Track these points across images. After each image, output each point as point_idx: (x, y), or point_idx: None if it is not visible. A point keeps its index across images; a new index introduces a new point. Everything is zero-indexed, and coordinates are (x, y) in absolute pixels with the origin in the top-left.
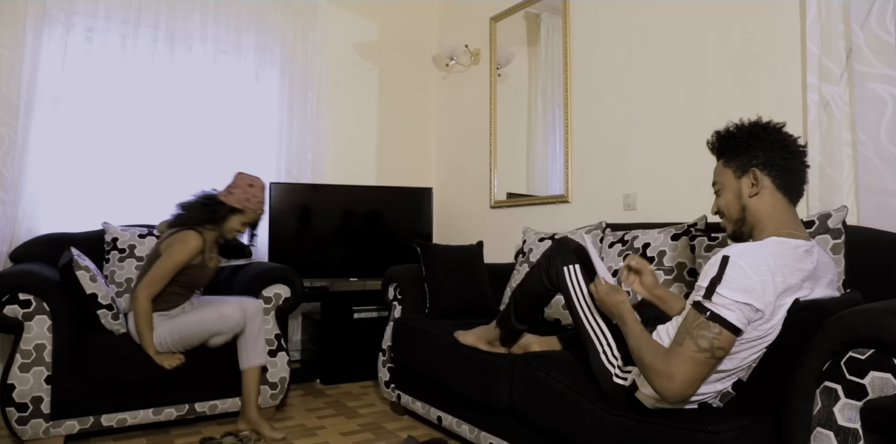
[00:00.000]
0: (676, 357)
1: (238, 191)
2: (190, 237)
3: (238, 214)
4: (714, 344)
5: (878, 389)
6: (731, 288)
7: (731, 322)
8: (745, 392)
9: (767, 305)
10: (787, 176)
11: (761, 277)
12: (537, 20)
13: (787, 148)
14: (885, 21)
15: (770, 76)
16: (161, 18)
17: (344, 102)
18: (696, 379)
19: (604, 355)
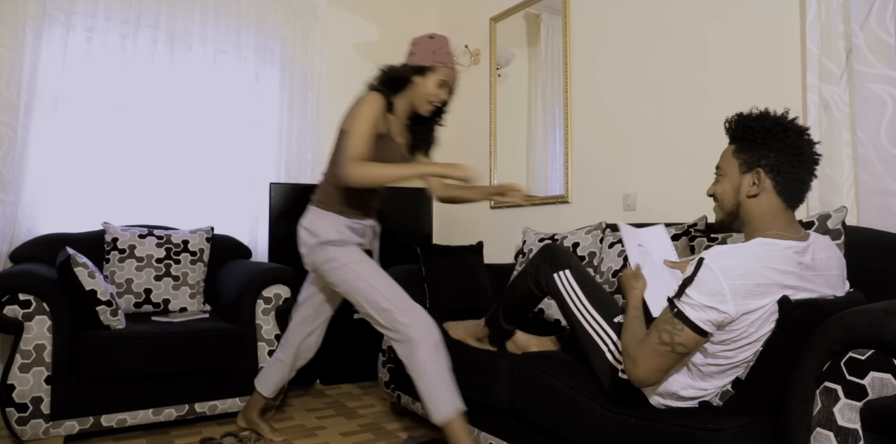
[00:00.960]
0: (643, 346)
1: (419, 48)
2: (366, 95)
3: (429, 73)
4: (675, 339)
5: (877, 389)
6: (699, 290)
7: (694, 322)
8: (744, 391)
9: (735, 308)
10: (790, 184)
11: (732, 281)
12: (537, 20)
13: (800, 157)
14: (885, 21)
15: (770, 76)
16: (161, 19)
17: (344, 103)
18: (656, 369)
19: (609, 354)
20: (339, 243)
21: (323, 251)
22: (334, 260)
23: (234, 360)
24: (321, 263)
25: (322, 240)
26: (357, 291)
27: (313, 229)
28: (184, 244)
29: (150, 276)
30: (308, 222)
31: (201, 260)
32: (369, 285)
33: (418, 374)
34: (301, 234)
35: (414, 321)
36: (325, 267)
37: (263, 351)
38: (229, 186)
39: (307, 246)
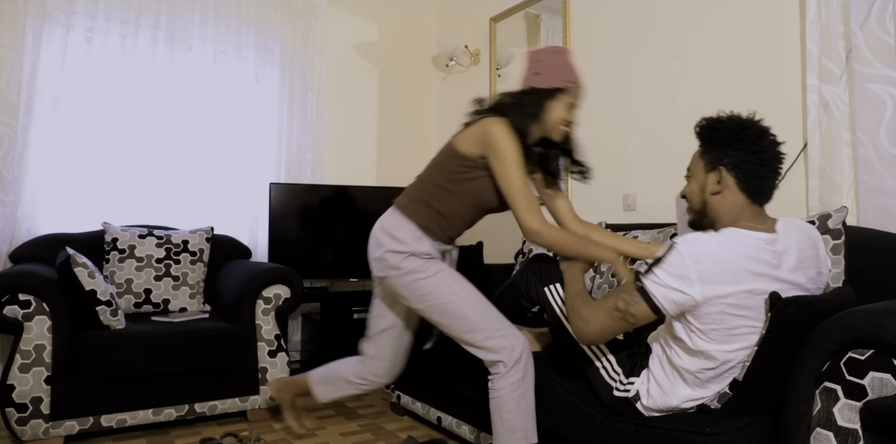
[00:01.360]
0: (598, 307)
1: (546, 65)
2: (497, 126)
3: (559, 95)
4: (629, 310)
5: (877, 389)
6: (667, 272)
7: (653, 299)
8: (742, 392)
9: (701, 293)
10: (753, 181)
11: (700, 266)
12: (537, 21)
13: (761, 155)
14: (885, 22)
15: (770, 77)
16: (161, 19)
17: (344, 103)
18: (605, 330)
19: (604, 371)
20: (425, 257)
21: (406, 261)
22: (418, 271)
23: (234, 360)
24: (402, 274)
25: (408, 250)
26: (444, 305)
27: (399, 235)
28: (184, 244)
29: (150, 276)
30: (393, 227)
31: (201, 260)
32: (460, 299)
33: (499, 403)
34: (379, 236)
35: (512, 345)
36: (404, 279)
37: (263, 351)
38: (229, 187)
39: (385, 251)
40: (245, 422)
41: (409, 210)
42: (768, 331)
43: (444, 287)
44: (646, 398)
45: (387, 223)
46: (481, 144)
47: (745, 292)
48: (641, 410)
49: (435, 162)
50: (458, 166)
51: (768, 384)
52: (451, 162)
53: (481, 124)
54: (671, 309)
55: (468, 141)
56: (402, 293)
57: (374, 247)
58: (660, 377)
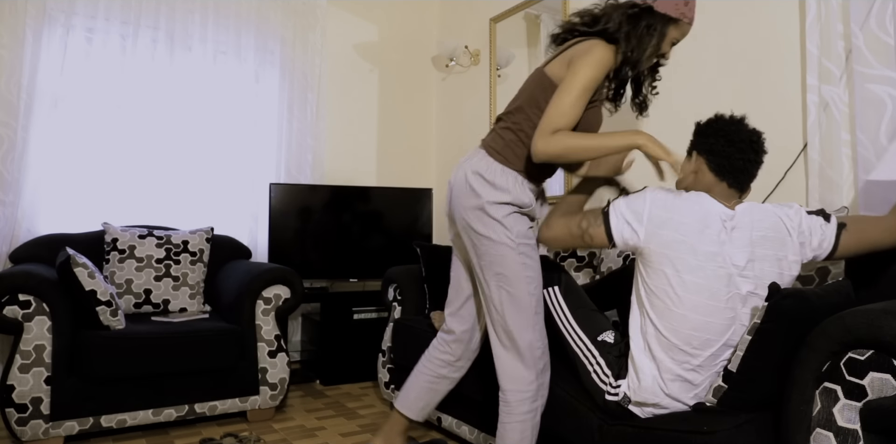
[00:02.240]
0: (566, 219)
1: None
2: (597, 47)
3: (671, 27)
4: (588, 230)
5: (877, 390)
6: (627, 206)
7: (610, 226)
8: (737, 383)
9: (645, 233)
10: (722, 160)
11: (653, 210)
12: (537, 21)
13: (729, 137)
14: (885, 22)
15: (770, 77)
16: (161, 19)
17: (344, 103)
18: (560, 239)
19: (595, 375)
20: (528, 213)
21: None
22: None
23: (234, 360)
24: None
25: (511, 200)
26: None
27: (500, 183)
28: (184, 245)
29: (150, 276)
30: (491, 173)
31: (201, 260)
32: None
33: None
34: (474, 183)
35: (546, 364)
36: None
37: (263, 351)
38: (229, 187)
39: (486, 202)
40: (245, 422)
41: (507, 155)
42: (763, 322)
43: (531, 272)
44: (634, 393)
45: (482, 169)
46: (569, 64)
47: (686, 246)
48: (636, 411)
49: (527, 97)
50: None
51: (763, 377)
52: (546, 95)
53: (584, 45)
54: (619, 242)
55: (561, 65)
56: (482, 255)
57: (466, 195)
58: (641, 363)
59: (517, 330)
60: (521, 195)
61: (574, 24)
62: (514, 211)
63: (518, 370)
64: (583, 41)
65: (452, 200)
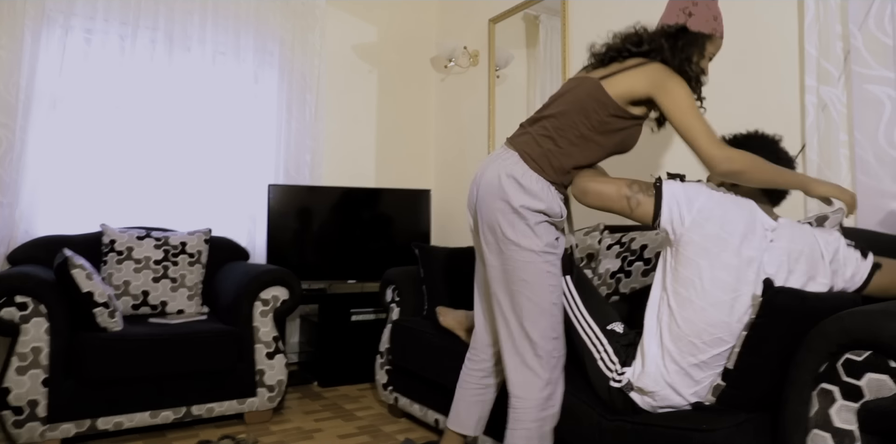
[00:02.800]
0: (613, 179)
1: (701, 9)
2: (667, 69)
3: (708, 43)
4: (636, 195)
5: (874, 391)
6: (684, 190)
7: (661, 202)
8: (735, 381)
9: (690, 221)
10: None
11: (707, 202)
12: (536, 22)
13: (776, 154)
14: (883, 22)
15: (769, 78)
16: (159, 20)
17: (343, 104)
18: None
19: (601, 362)
20: (558, 223)
21: (538, 223)
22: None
23: (232, 362)
24: (524, 237)
25: (544, 208)
26: (539, 301)
27: (532, 188)
28: (182, 246)
29: (148, 278)
30: (523, 177)
31: (199, 262)
32: (555, 308)
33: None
34: (506, 184)
35: (561, 379)
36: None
37: (261, 353)
38: (227, 188)
39: (520, 206)
40: (242, 424)
41: (542, 164)
42: (758, 316)
43: (554, 280)
44: (637, 379)
45: (518, 173)
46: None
47: (728, 244)
48: (637, 400)
49: (576, 104)
50: (610, 116)
51: (759, 373)
52: (601, 110)
53: (647, 70)
54: (664, 220)
55: (628, 82)
56: (508, 262)
57: (499, 197)
58: (650, 349)
59: (538, 338)
60: (554, 204)
61: (624, 44)
62: (545, 220)
63: (530, 377)
64: (645, 64)
65: (481, 198)
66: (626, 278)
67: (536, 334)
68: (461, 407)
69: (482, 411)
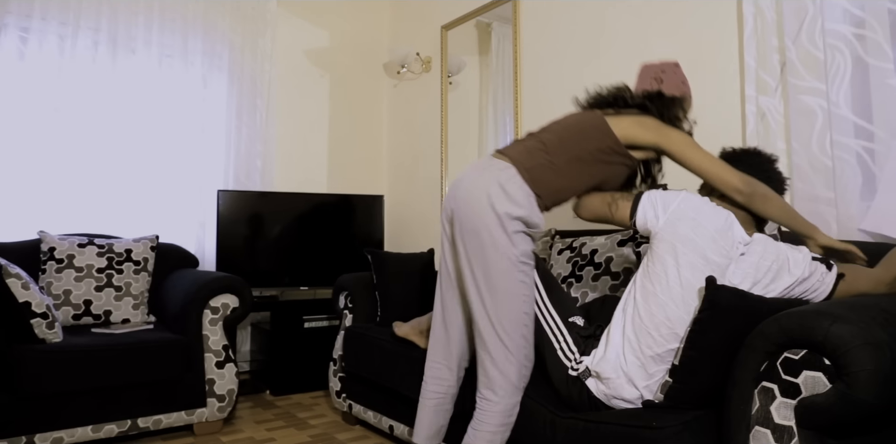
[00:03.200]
0: (600, 193)
1: (669, 76)
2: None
3: (682, 103)
4: (616, 201)
5: (810, 387)
6: (661, 195)
7: (638, 204)
8: (680, 376)
9: (664, 222)
10: None
11: (681, 205)
12: (488, 29)
13: (769, 176)
14: (814, 37)
15: (711, 88)
16: (102, 21)
17: (294, 109)
18: (588, 203)
19: (560, 351)
20: (534, 234)
21: (515, 232)
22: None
23: (180, 372)
24: (501, 244)
25: (523, 215)
26: (514, 298)
27: (517, 197)
28: (127, 253)
29: (91, 286)
30: (508, 184)
31: (145, 270)
32: (527, 317)
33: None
34: (493, 192)
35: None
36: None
37: (210, 362)
38: (175, 194)
39: (497, 212)
40: (192, 437)
41: (533, 175)
42: (700, 311)
43: (527, 290)
44: (596, 363)
45: (503, 179)
46: (655, 135)
47: (695, 245)
48: (591, 387)
49: (578, 133)
50: (608, 148)
51: (701, 368)
52: (603, 139)
53: (647, 121)
54: (639, 221)
55: (632, 127)
56: (484, 264)
57: (484, 204)
58: (614, 337)
59: (512, 346)
60: (534, 214)
61: (621, 94)
62: (523, 229)
63: (503, 382)
64: (643, 114)
65: (461, 204)
66: (577, 283)
67: (511, 342)
68: (424, 420)
69: (445, 420)
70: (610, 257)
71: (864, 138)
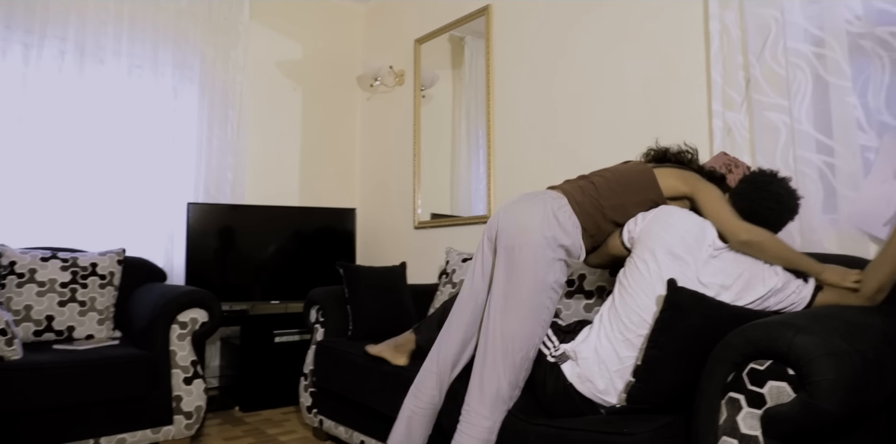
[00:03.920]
0: None
1: (739, 170)
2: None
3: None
4: (609, 242)
5: (775, 397)
6: (643, 215)
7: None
8: (641, 376)
9: (642, 227)
10: (745, 206)
11: (657, 213)
12: (461, 43)
13: (757, 186)
14: (777, 55)
15: (680, 103)
16: (69, 30)
17: (266, 121)
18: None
19: (541, 342)
20: (572, 264)
21: (556, 259)
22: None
23: (145, 389)
24: (540, 265)
25: (568, 244)
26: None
27: (567, 226)
28: (92, 267)
29: (53, 302)
30: (562, 214)
31: (111, 284)
32: (544, 329)
33: None
34: (544, 215)
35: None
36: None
37: (178, 378)
38: (144, 206)
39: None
40: None
41: (583, 208)
42: (661, 310)
43: (546, 316)
44: (576, 345)
45: (556, 207)
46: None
47: (663, 241)
48: (567, 371)
49: (627, 182)
50: (651, 200)
51: (663, 367)
52: (649, 191)
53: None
54: (625, 237)
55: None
56: (519, 278)
57: (529, 222)
58: (595, 324)
59: (513, 363)
60: (577, 244)
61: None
62: (564, 258)
63: (494, 399)
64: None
65: (514, 224)
66: None
67: (513, 361)
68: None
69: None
70: (583, 274)
71: (825, 153)
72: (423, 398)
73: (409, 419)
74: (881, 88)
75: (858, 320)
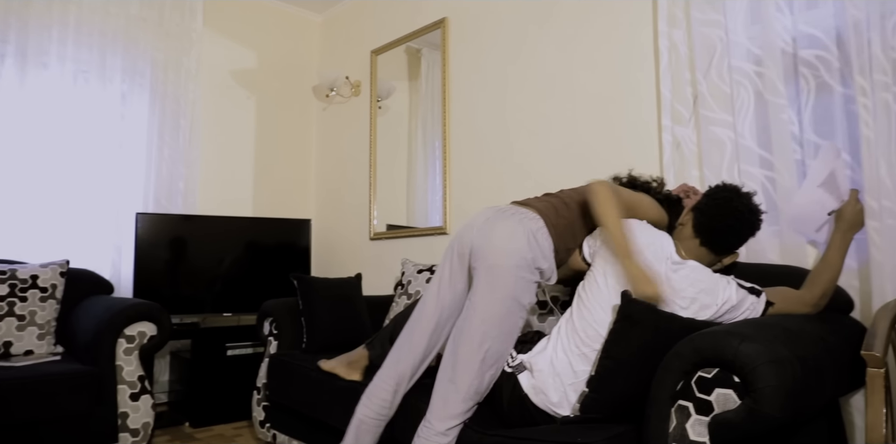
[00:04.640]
0: None
1: (695, 198)
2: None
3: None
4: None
5: (721, 404)
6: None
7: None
8: (594, 385)
9: (600, 242)
10: (705, 223)
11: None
12: (418, 55)
13: (718, 202)
14: (722, 72)
15: (631, 117)
16: (10, 33)
17: (219, 130)
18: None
19: None
20: (542, 283)
21: (533, 281)
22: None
23: (89, 406)
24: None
25: (545, 268)
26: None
27: (545, 249)
28: (32, 280)
29: None
30: (541, 236)
31: (53, 297)
32: (503, 360)
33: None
34: (525, 237)
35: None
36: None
37: (124, 394)
38: (90, 216)
39: (523, 257)
40: None
41: (558, 231)
42: (614, 321)
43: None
44: (533, 357)
45: (535, 229)
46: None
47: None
48: (523, 381)
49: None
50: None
51: (614, 377)
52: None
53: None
54: (585, 252)
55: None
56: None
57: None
58: (552, 337)
59: (481, 375)
60: (551, 269)
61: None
62: (538, 280)
63: (457, 410)
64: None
65: (490, 243)
66: None
67: (482, 373)
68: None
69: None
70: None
71: (767, 168)
72: (372, 408)
73: (357, 428)
74: (806, 107)
75: (798, 328)
